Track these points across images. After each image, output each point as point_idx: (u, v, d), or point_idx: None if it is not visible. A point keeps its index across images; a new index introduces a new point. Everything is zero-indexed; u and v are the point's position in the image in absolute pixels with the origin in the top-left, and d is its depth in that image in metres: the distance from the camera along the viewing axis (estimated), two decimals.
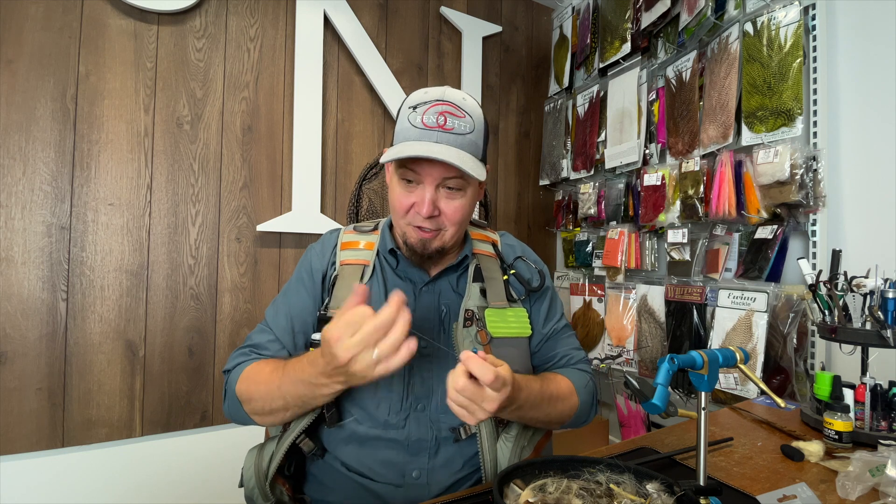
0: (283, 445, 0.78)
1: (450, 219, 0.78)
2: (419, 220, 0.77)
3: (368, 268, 0.85)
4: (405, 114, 0.77)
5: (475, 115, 0.78)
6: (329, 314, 0.81)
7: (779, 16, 1.40)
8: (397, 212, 0.80)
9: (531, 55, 2.44)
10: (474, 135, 0.77)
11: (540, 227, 2.44)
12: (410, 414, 0.78)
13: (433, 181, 0.75)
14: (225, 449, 1.62)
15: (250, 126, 1.71)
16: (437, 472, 0.77)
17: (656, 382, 0.61)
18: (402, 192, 0.78)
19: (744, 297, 1.47)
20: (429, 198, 0.75)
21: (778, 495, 0.65)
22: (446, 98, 0.76)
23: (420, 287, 0.85)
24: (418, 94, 0.78)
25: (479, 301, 0.85)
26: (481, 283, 0.86)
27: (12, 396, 1.37)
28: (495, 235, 0.97)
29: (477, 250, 0.90)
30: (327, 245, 0.90)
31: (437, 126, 0.74)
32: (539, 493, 0.59)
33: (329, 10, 1.81)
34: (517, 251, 0.96)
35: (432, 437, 0.78)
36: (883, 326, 0.88)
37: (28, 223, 1.40)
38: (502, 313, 0.84)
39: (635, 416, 1.88)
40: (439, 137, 0.74)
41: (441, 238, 0.80)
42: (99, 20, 1.49)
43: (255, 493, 0.79)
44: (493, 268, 0.89)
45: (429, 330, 0.82)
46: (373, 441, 0.78)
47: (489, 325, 0.82)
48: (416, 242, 0.80)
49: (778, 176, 1.35)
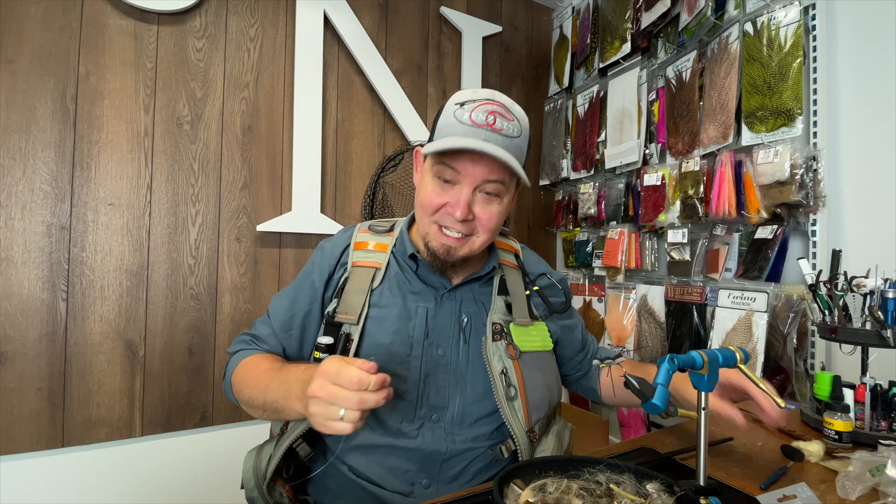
0: (281, 448, 0.77)
1: (484, 225, 0.75)
2: (449, 222, 0.75)
3: (380, 271, 0.83)
4: (450, 109, 0.74)
5: (523, 122, 0.76)
6: (336, 319, 0.79)
7: (779, 16, 1.40)
8: (425, 209, 0.76)
9: (531, 55, 2.44)
10: (521, 140, 0.75)
11: (540, 227, 2.44)
12: (425, 424, 0.76)
13: (472, 182, 0.73)
14: (225, 449, 1.62)
15: (250, 126, 1.71)
16: (447, 487, 0.76)
17: (656, 382, 0.61)
18: (436, 190, 0.75)
19: (744, 297, 1.47)
20: (465, 199, 0.72)
21: (778, 495, 0.65)
22: (496, 99, 0.74)
23: (442, 294, 0.82)
24: (466, 93, 0.75)
25: (504, 315, 0.83)
26: (506, 297, 0.84)
27: (12, 396, 1.37)
28: (517, 245, 0.96)
29: (502, 261, 0.89)
30: (338, 244, 0.87)
31: (485, 124, 0.71)
32: (539, 493, 0.59)
33: (329, 10, 1.81)
34: (540, 267, 0.95)
35: (446, 448, 0.76)
36: (883, 326, 0.88)
37: (28, 223, 1.40)
38: (525, 329, 0.83)
39: (635, 416, 1.88)
40: (488, 136, 0.71)
41: (470, 245, 0.77)
42: (99, 20, 1.49)
43: (255, 494, 0.78)
44: (517, 281, 0.88)
45: (447, 338, 0.80)
46: (384, 449, 0.75)
47: (517, 340, 0.81)
48: (439, 247, 0.77)
49: (778, 176, 1.35)
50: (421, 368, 0.78)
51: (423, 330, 0.79)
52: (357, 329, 0.78)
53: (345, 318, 0.79)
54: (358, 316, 0.79)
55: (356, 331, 0.78)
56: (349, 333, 0.78)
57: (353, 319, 0.78)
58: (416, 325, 0.79)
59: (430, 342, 0.79)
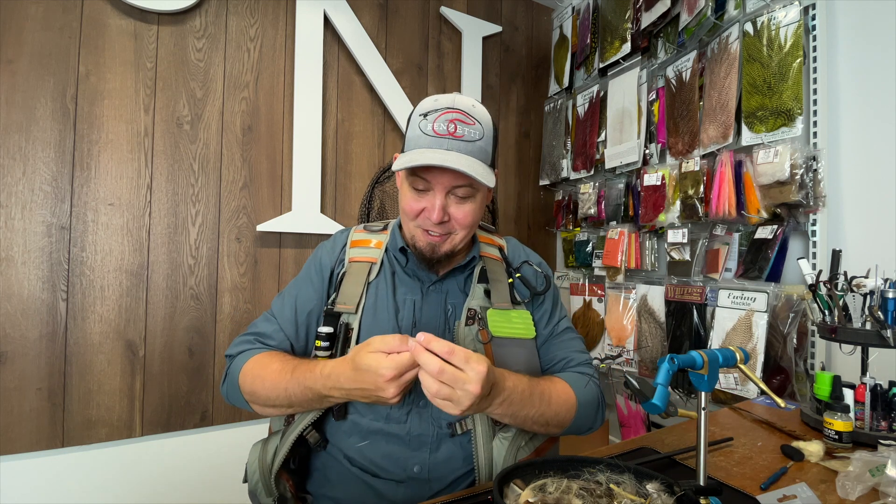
0: (289, 439, 0.80)
1: (460, 223, 0.80)
2: (429, 224, 0.80)
3: (376, 265, 0.88)
4: (416, 121, 0.78)
5: (484, 122, 0.79)
6: (336, 309, 0.84)
7: (779, 16, 1.40)
8: (407, 215, 0.82)
9: (531, 55, 2.44)
10: (483, 141, 0.78)
11: (540, 227, 2.44)
12: (412, 409, 0.80)
13: (443, 188, 0.77)
14: (225, 449, 1.62)
15: (250, 126, 1.71)
16: (437, 468, 0.79)
17: (656, 382, 0.61)
18: (413, 198, 0.80)
19: (744, 297, 1.47)
20: (439, 204, 0.77)
21: (778, 495, 0.65)
22: (456, 105, 0.78)
23: (427, 286, 0.87)
24: (428, 102, 0.79)
25: (482, 301, 0.86)
26: (486, 285, 0.88)
27: (12, 396, 1.37)
28: (502, 241, 0.99)
29: (484, 253, 0.92)
30: (338, 242, 0.93)
31: (447, 133, 0.75)
32: (539, 493, 0.59)
33: (329, 10, 1.81)
34: (523, 256, 0.97)
35: (433, 432, 0.79)
36: (883, 326, 0.88)
37: (28, 223, 1.40)
38: (506, 314, 0.85)
39: (635, 416, 1.88)
40: (450, 145, 0.75)
41: (451, 241, 0.82)
42: (99, 20, 1.49)
43: (259, 487, 0.80)
44: (499, 271, 0.91)
45: (435, 328, 0.84)
46: (374, 434, 0.79)
47: (491, 325, 0.83)
48: (425, 246, 0.82)
49: (778, 176, 1.35)
50: None
51: (410, 320, 0.84)
52: (356, 318, 0.83)
53: (343, 308, 0.84)
54: (356, 306, 0.84)
55: (355, 320, 0.83)
56: (348, 323, 0.83)
57: (352, 309, 0.84)
58: (403, 316, 0.84)
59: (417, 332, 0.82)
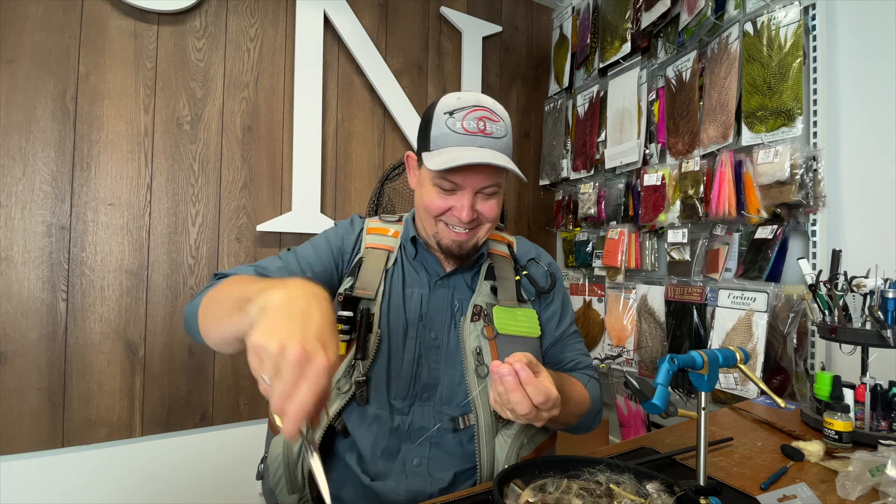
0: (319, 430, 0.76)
1: (486, 217, 0.81)
2: (455, 222, 0.80)
3: (393, 254, 0.88)
4: (441, 119, 0.77)
5: (506, 119, 0.80)
6: (355, 294, 0.82)
7: (779, 16, 1.40)
8: (430, 213, 0.81)
9: (531, 55, 2.44)
10: (508, 138, 0.79)
11: (540, 227, 2.44)
12: (415, 402, 0.80)
13: (473, 189, 0.77)
14: (225, 449, 1.62)
15: (250, 126, 1.71)
16: (437, 463, 0.78)
17: (656, 382, 0.61)
18: (438, 196, 0.79)
19: (744, 297, 1.47)
20: (468, 203, 0.77)
21: (778, 495, 0.65)
22: (482, 103, 0.78)
23: (435, 280, 0.87)
24: (451, 100, 0.79)
25: (488, 298, 0.86)
26: (492, 282, 0.88)
27: (12, 396, 1.37)
28: (511, 238, 0.98)
29: (492, 250, 0.92)
30: (356, 225, 0.93)
31: (478, 131, 0.75)
32: (539, 493, 0.59)
33: (329, 10, 1.81)
34: (531, 253, 0.97)
35: (435, 426, 0.79)
36: (883, 326, 0.88)
37: (28, 223, 1.40)
38: (512, 312, 0.85)
39: (635, 416, 1.88)
40: (482, 142, 0.75)
41: (475, 235, 0.82)
42: (99, 20, 1.49)
43: (282, 483, 0.75)
44: (507, 268, 0.91)
45: (440, 323, 0.84)
46: (376, 423, 0.79)
47: (496, 322, 0.83)
48: (452, 244, 0.82)
49: (778, 176, 1.35)
50: (415, 350, 0.82)
51: (417, 313, 0.84)
52: (376, 305, 0.82)
53: (363, 293, 0.83)
54: (376, 292, 0.83)
55: (375, 306, 0.82)
56: (369, 308, 0.82)
57: (371, 295, 0.83)
58: (411, 308, 0.85)
59: (423, 325, 0.84)
